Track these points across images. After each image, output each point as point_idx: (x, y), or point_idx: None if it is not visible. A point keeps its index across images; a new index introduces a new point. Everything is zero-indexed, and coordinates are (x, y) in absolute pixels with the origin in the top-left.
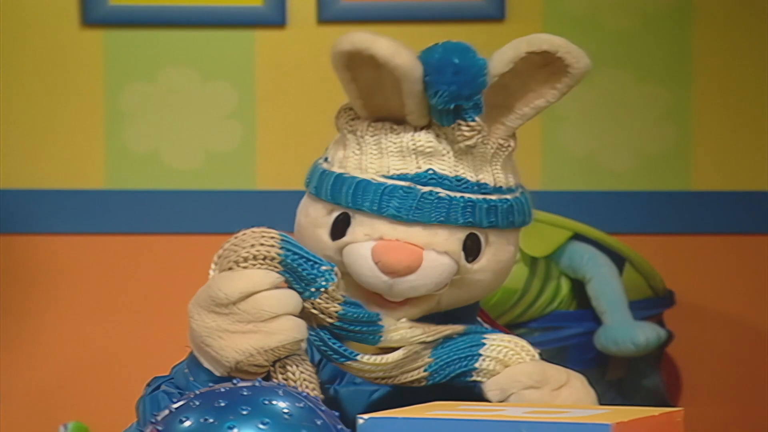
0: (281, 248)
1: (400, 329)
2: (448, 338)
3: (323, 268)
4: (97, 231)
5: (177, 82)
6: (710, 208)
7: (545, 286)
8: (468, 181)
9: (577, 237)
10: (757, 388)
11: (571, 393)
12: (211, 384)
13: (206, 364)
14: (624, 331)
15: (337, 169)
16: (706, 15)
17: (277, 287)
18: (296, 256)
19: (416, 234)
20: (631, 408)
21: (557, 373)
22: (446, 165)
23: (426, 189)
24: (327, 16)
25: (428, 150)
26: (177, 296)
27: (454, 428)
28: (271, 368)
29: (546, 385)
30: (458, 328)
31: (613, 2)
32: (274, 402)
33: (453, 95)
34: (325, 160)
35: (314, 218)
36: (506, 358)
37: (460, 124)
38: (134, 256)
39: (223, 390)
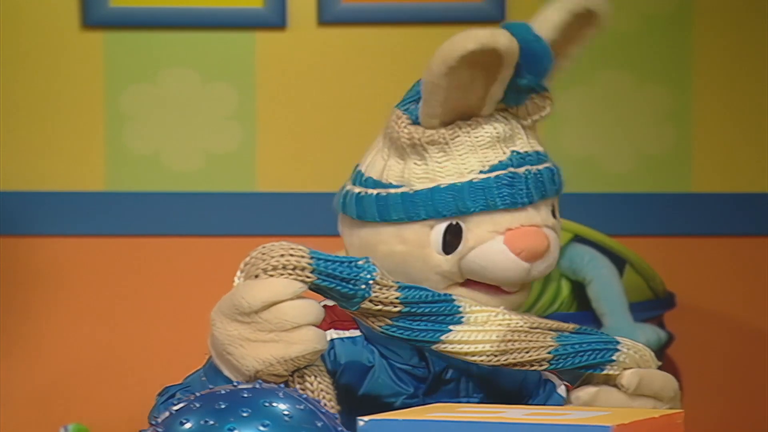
0: (311, 258)
1: (486, 310)
2: (573, 332)
3: (360, 262)
4: (98, 233)
5: (177, 84)
6: (710, 209)
7: (545, 288)
8: (540, 153)
9: (578, 239)
10: (758, 389)
11: None
12: None
13: (226, 372)
14: (624, 333)
15: (420, 185)
16: (707, 16)
17: (300, 297)
18: (329, 262)
19: (531, 216)
20: (632, 410)
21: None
22: (522, 142)
23: (521, 170)
24: (327, 17)
25: (507, 134)
26: (178, 298)
27: (454, 430)
28: (290, 378)
29: (662, 402)
30: (568, 326)
31: (613, 3)
32: (274, 404)
33: (543, 72)
34: (390, 185)
35: (416, 241)
36: (642, 360)
37: (533, 98)
38: (135, 258)
39: (223, 392)
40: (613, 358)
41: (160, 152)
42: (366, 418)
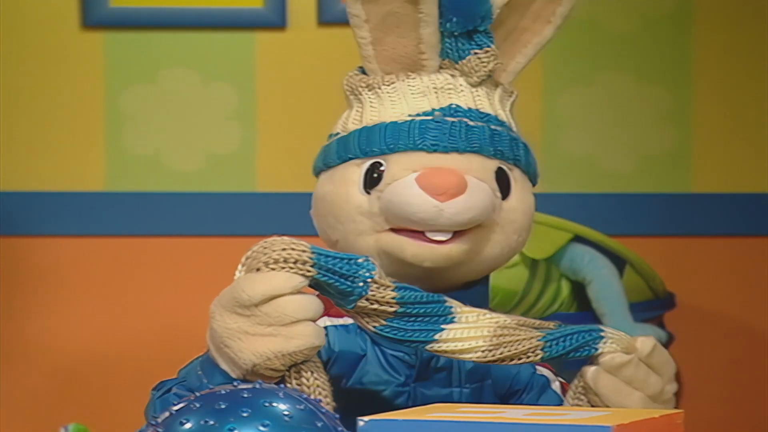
0: (312, 252)
1: (475, 311)
2: (556, 328)
3: (359, 260)
4: (98, 233)
5: (177, 84)
6: (711, 210)
7: (545, 289)
8: (489, 114)
9: (578, 239)
10: (758, 390)
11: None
12: None
13: (223, 365)
14: (624, 333)
15: (353, 127)
16: (707, 17)
17: (300, 292)
18: (329, 258)
19: (455, 161)
20: (632, 410)
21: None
22: (466, 99)
23: (455, 119)
24: (327, 17)
25: (447, 86)
26: (177, 298)
27: (454, 430)
28: (287, 373)
29: (664, 380)
30: (550, 324)
31: (613, 4)
32: (274, 404)
33: (470, 16)
34: (336, 134)
35: (340, 180)
36: (628, 342)
37: (476, 53)
38: (135, 259)
39: (223, 392)
40: (602, 336)
41: (160, 152)
42: (366, 418)
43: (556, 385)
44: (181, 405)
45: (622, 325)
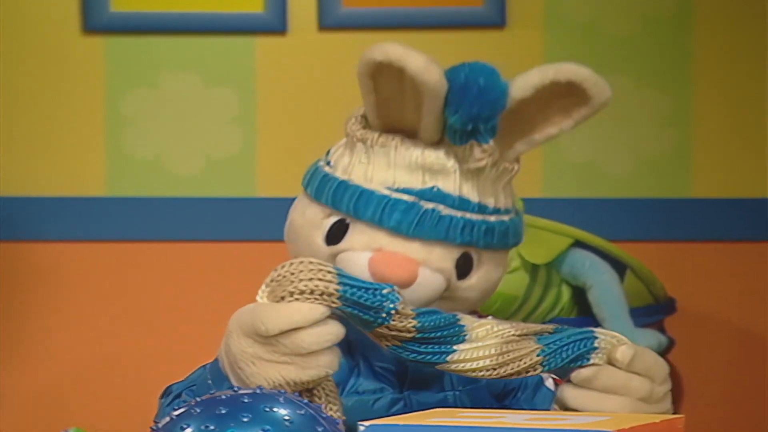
0: (339, 283)
1: (484, 324)
2: (552, 332)
3: (385, 291)
4: (98, 238)
5: (178, 89)
6: (711, 215)
7: (546, 293)
8: (470, 201)
9: (578, 244)
10: (758, 394)
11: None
12: None
13: (234, 382)
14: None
15: (340, 175)
16: (707, 20)
17: (319, 323)
18: (355, 289)
19: (414, 249)
20: (633, 415)
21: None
22: (451, 184)
23: (429, 205)
24: (328, 22)
25: (436, 167)
26: (178, 302)
27: None
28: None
29: (656, 383)
30: (548, 327)
31: (614, 8)
32: (275, 409)
33: (473, 116)
34: (327, 163)
35: (311, 220)
36: (620, 344)
37: (473, 146)
38: (135, 263)
39: (224, 397)
40: (595, 345)
41: (160, 157)
42: (366, 423)
43: (549, 383)
44: (181, 410)
45: (623, 330)
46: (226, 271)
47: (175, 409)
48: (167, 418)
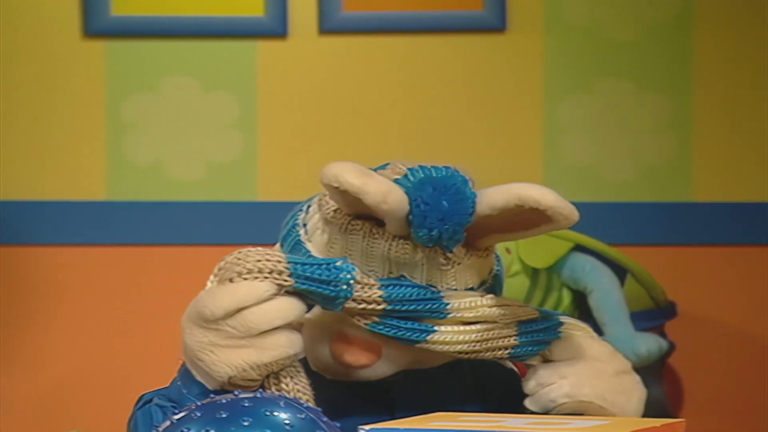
0: (288, 262)
1: (468, 296)
2: (532, 320)
3: (338, 263)
4: (99, 242)
5: (178, 93)
6: (712, 219)
7: (547, 298)
8: (438, 291)
9: (579, 248)
10: (759, 398)
11: (630, 382)
12: (204, 397)
13: (199, 378)
14: (625, 342)
15: (315, 253)
16: (707, 25)
17: (265, 301)
18: (306, 266)
19: (376, 336)
20: (633, 419)
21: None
22: (418, 275)
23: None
24: (328, 26)
25: (402, 260)
26: (178, 307)
27: None
28: (265, 381)
29: (611, 364)
30: (535, 313)
31: (614, 12)
32: (275, 413)
33: (435, 238)
34: (304, 226)
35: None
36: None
37: (437, 252)
38: (135, 268)
39: (224, 401)
40: (559, 334)
41: (161, 161)
42: (367, 427)
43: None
44: (182, 414)
45: (623, 335)
46: None
47: (176, 413)
48: (168, 422)
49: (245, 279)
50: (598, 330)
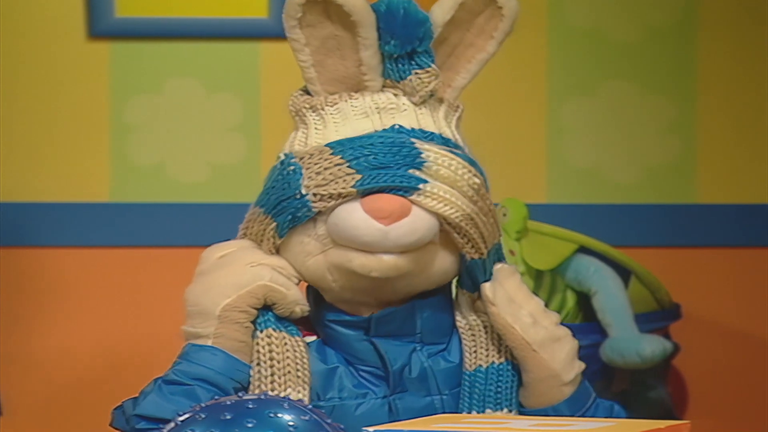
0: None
1: (445, 154)
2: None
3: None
4: (102, 244)
5: (182, 95)
6: (715, 221)
7: (551, 299)
8: (433, 132)
9: (583, 250)
10: (764, 400)
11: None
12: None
13: (196, 327)
14: (630, 344)
15: (302, 149)
16: (711, 27)
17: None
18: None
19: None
20: (638, 421)
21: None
22: (409, 119)
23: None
24: None
25: (390, 106)
26: (181, 309)
27: None
28: (271, 388)
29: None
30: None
31: (618, 14)
32: (279, 415)
33: (408, 37)
34: (289, 157)
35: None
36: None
37: (417, 73)
38: (139, 269)
39: (228, 403)
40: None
41: (164, 163)
42: (371, 428)
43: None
44: (186, 415)
45: (628, 336)
46: None
47: (180, 415)
48: (171, 424)
49: None
50: (603, 331)
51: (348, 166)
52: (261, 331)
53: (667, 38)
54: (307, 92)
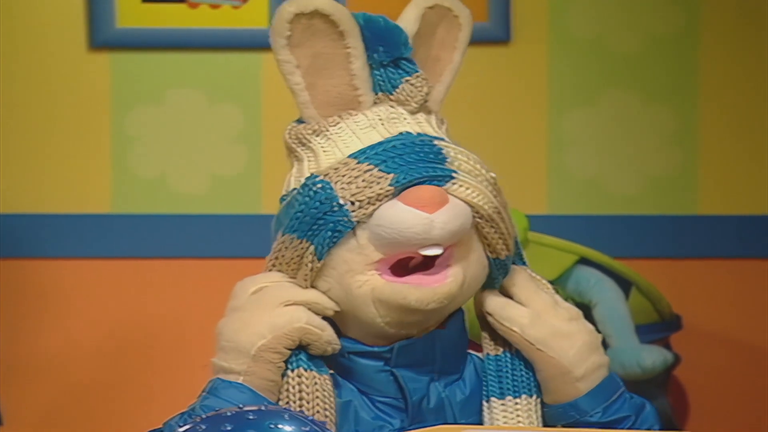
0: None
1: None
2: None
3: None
4: (103, 255)
5: (183, 105)
6: (716, 232)
7: None
8: (435, 136)
9: (584, 261)
10: (764, 411)
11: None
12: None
13: (229, 362)
14: (631, 355)
15: (317, 168)
16: (712, 37)
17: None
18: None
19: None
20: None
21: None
22: (412, 127)
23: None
24: None
25: (392, 116)
26: (182, 320)
27: None
28: (289, 397)
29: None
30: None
31: (619, 24)
32: (279, 426)
33: (394, 43)
34: (296, 181)
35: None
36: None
37: (407, 80)
38: (140, 280)
39: (229, 414)
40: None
41: (165, 174)
42: None
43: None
44: (186, 427)
45: (629, 347)
46: (232, 288)
47: (180, 426)
48: None
49: None
50: (604, 343)
51: (378, 170)
52: (292, 371)
53: (669, 48)
54: (300, 122)
